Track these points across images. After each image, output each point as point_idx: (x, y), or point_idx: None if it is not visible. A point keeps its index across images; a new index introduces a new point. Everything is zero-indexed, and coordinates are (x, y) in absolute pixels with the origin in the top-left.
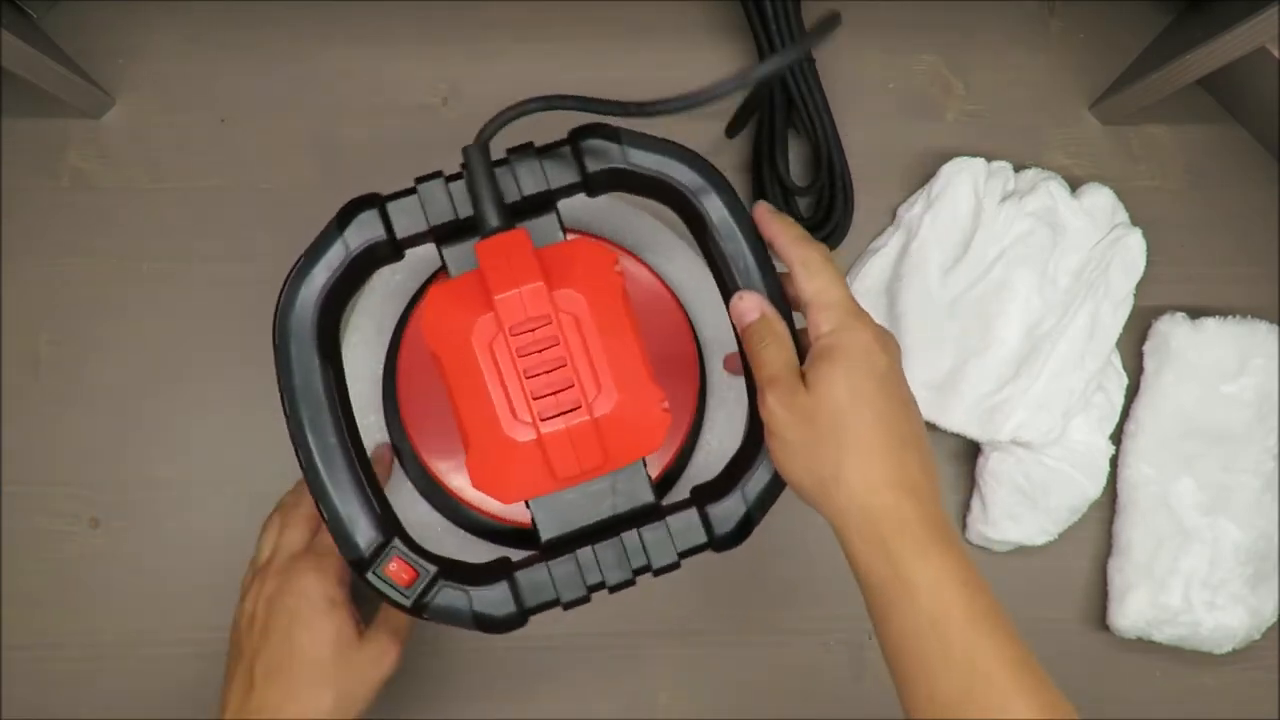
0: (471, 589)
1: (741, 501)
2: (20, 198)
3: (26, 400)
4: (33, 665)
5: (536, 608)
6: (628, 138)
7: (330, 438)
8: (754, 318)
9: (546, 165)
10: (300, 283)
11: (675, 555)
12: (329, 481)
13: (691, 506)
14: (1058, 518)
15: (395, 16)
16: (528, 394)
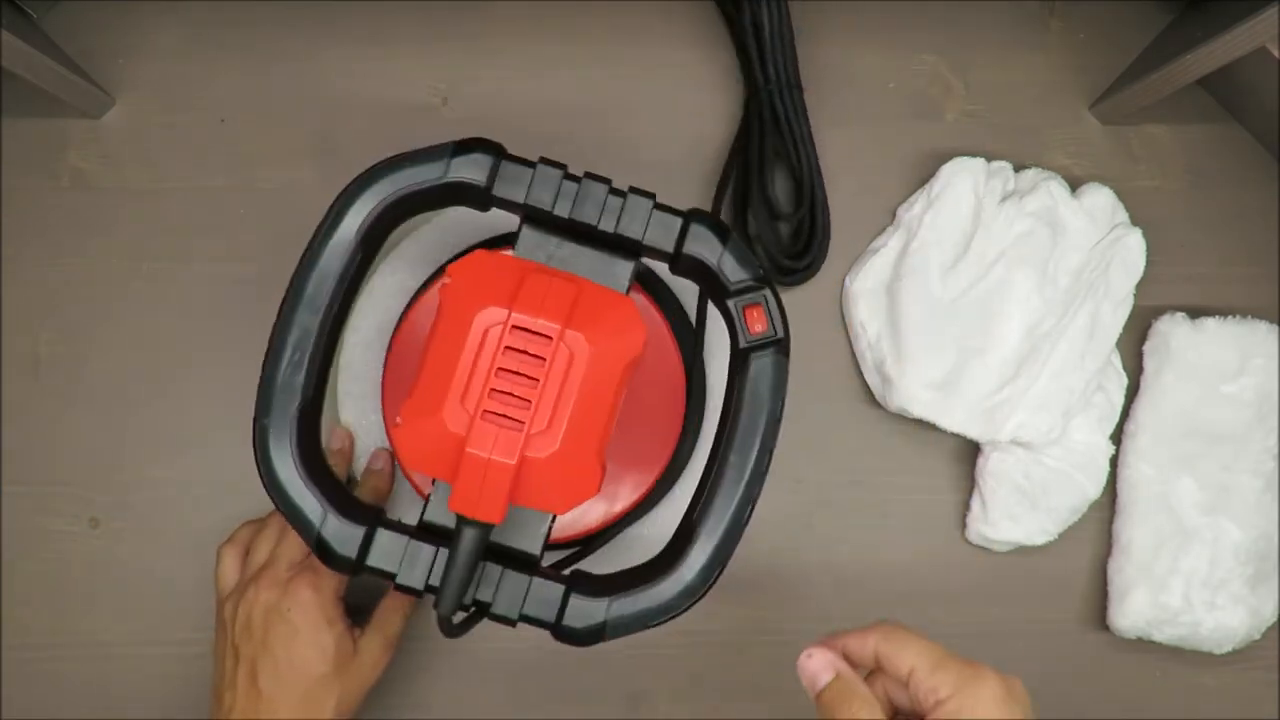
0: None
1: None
2: (20, 198)
3: (26, 400)
4: (33, 665)
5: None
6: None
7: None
8: (828, 678)
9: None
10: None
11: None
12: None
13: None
14: (1058, 518)
15: (395, 16)
16: (488, 385)
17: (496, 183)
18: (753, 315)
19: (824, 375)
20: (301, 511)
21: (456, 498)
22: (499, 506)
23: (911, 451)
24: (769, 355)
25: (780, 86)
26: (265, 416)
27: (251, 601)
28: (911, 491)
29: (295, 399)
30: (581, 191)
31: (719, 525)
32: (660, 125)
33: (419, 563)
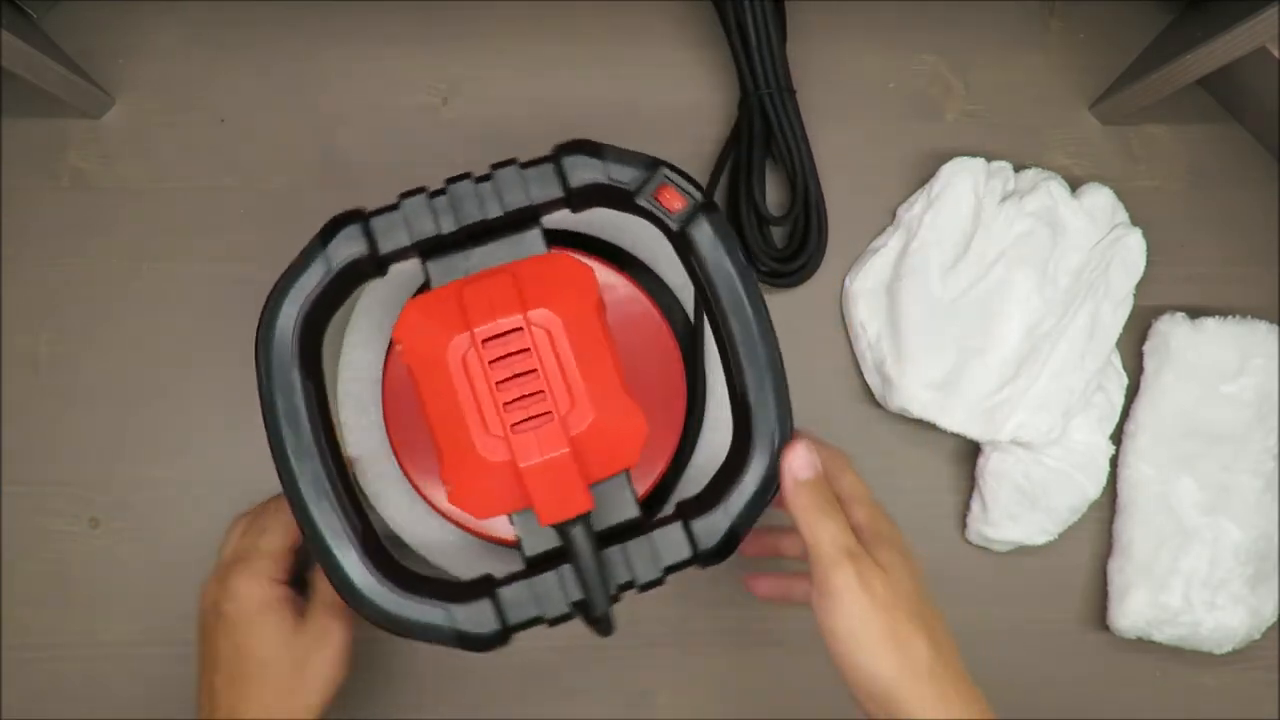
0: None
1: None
2: (20, 198)
3: (26, 400)
4: (33, 665)
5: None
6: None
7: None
8: (808, 476)
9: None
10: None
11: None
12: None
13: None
14: (1058, 518)
15: (395, 16)
16: (498, 402)
17: (379, 242)
18: (667, 196)
19: (824, 375)
20: (428, 626)
21: (544, 511)
22: (583, 493)
23: (911, 451)
24: (703, 220)
25: (770, 90)
26: (336, 560)
27: (201, 601)
28: (911, 491)
29: (355, 533)
30: (452, 198)
31: (766, 388)
32: (660, 125)
33: (552, 593)
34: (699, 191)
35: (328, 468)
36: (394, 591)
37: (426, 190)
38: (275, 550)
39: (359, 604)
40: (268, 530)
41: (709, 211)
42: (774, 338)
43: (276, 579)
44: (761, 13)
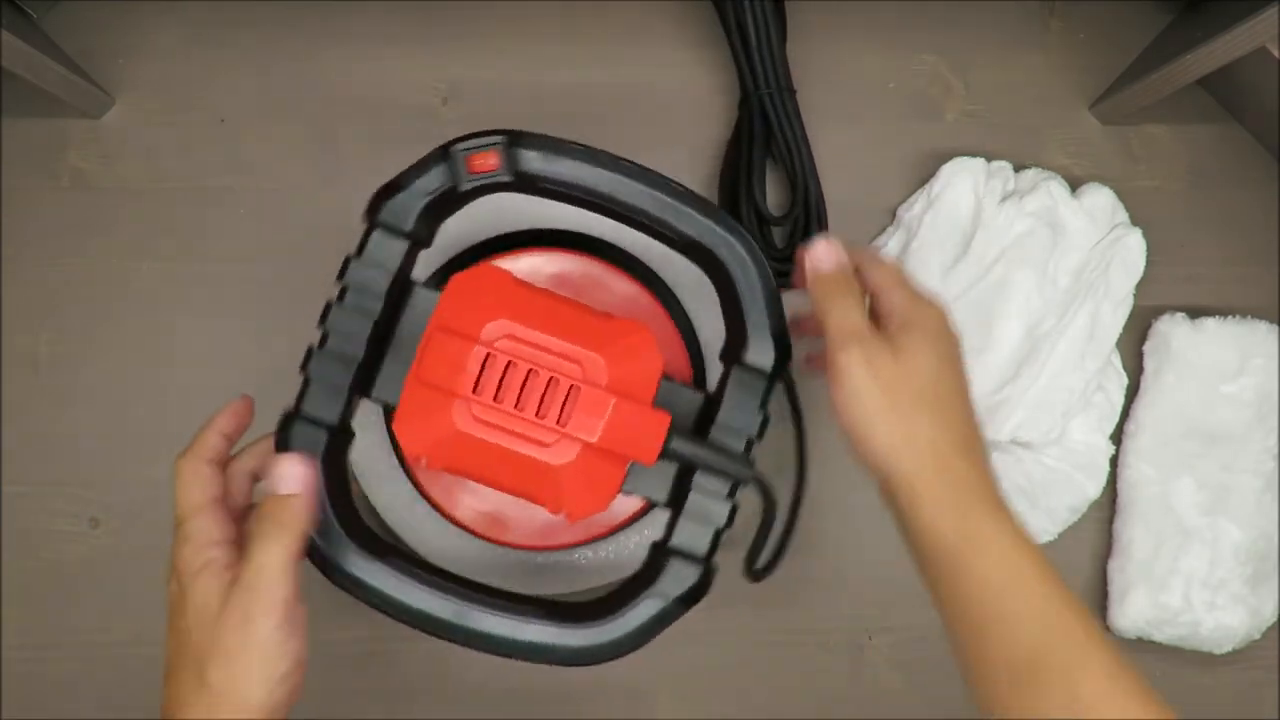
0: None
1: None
2: (20, 198)
3: (26, 400)
4: (33, 665)
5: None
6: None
7: (606, 186)
8: (829, 268)
9: (701, 528)
10: (751, 256)
11: (313, 373)
12: (588, 165)
13: (338, 424)
14: (1058, 518)
15: (395, 16)
16: (510, 357)
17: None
18: (478, 162)
19: (823, 375)
20: (538, 645)
21: (641, 455)
22: (655, 445)
23: None
24: (521, 151)
25: (771, 90)
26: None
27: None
28: None
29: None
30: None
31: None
32: (661, 125)
33: (705, 508)
34: (496, 134)
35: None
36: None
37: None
38: (210, 500)
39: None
40: (200, 477)
41: (518, 141)
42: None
43: (213, 540)
44: (762, 12)
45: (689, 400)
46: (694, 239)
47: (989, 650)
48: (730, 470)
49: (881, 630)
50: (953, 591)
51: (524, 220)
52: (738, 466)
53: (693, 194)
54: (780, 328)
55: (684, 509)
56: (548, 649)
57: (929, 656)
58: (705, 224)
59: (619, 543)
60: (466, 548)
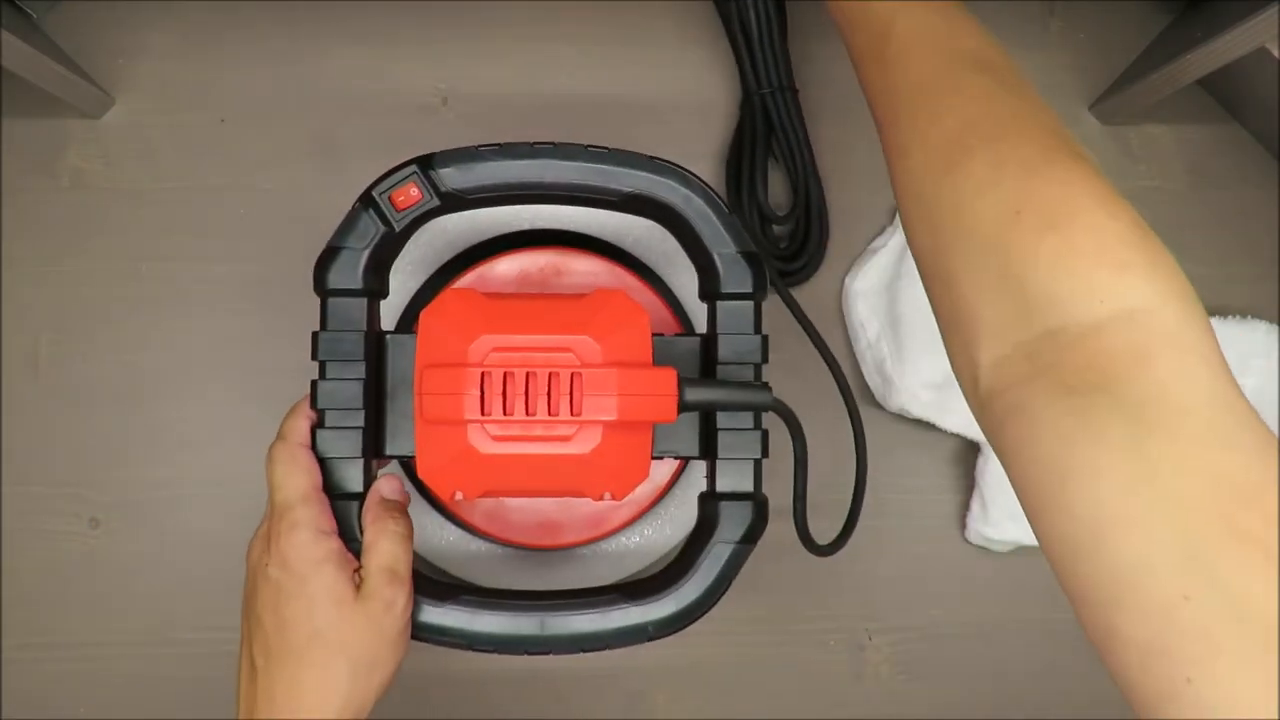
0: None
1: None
2: (20, 198)
3: (26, 400)
4: (33, 665)
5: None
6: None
7: (551, 176)
8: None
9: (739, 467)
10: (704, 200)
11: (325, 452)
12: (514, 164)
13: (361, 486)
14: None
15: (395, 16)
16: (508, 367)
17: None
18: (401, 198)
19: (823, 375)
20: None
21: (659, 416)
22: (670, 401)
23: (911, 451)
24: (427, 174)
25: (773, 90)
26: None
27: (249, 562)
28: (911, 491)
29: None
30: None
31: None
32: (661, 126)
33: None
34: (405, 166)
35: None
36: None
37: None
38: (316, 488)
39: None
40: (301, 464)
41: (429, 164)
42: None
43: (325, 530)
44: (764, 11)
45: (687, 349)
46: (633, 193)
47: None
48: (748, 400)
49: (881, 630)
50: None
51: (476, 234)
52: (754, 394)
53: (618, 151)
54: (746, 247)
55: (718, 453)
56: (637, 629)
57: (929, 656)
58: (638, 175)
59: (619, 542)
60: (468, 548)
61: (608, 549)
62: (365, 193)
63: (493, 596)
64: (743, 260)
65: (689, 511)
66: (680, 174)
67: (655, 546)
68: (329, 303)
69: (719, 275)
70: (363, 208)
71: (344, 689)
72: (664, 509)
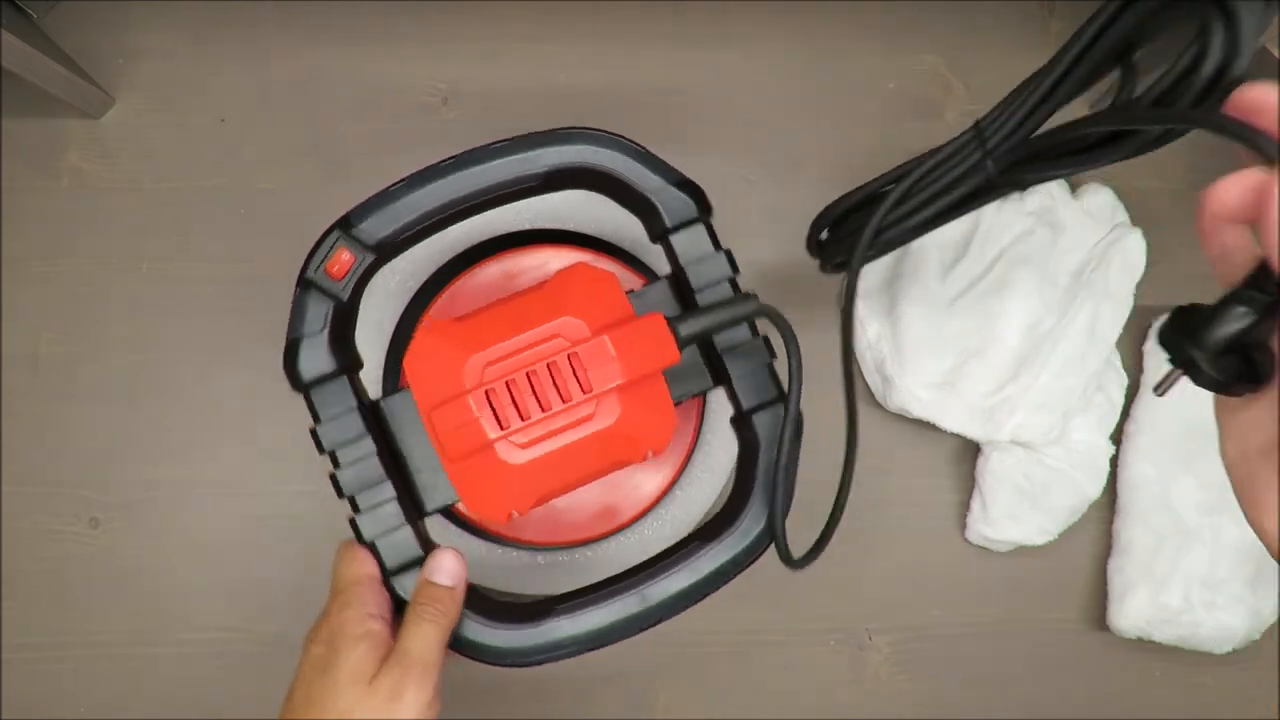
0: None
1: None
2: (20, 198)
3: (26, 400)
4: (33, 665)
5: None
6: (785, 454)
7: (470, 188)
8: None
9: (755, 374)
10: (616, 149)
11: (372, 534)
12: (425, 189)
13: (420, 549)
14: (1058, 518)
15: (395, 16)
16: (508, 378)
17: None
18: (336, 265)
19: (824, 375)
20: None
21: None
22: (669, 343)
23: (911, 451)
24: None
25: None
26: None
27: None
28: (911, 491)
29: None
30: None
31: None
32: (662, 125)
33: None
34: (326, 234)
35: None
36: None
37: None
38: (373, 576)
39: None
40: (360, 556)
41: (347, 223)
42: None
43: (372, 612)
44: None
45: (660, 292)
46: (551, 169)
47: None
48: (738, 314)
49: (881, 630)
50: None
51: (430, 264)
52: (741, 306)
53: (519, 137)
54: (676, 176)
55: (731, 374)
56: (732, 563)
57: (929, 656)
58: (548, 152)
59: (620, 542)
60: (473, 550)
61: (609, 552)
62: (300, 276)
63: (579, 595)
64: (676, 189)
65: (688, 510)
66: (586, 134)
67: (654, 546)
68: (312, 395)
69: (660, 211)
70: (304, 291)
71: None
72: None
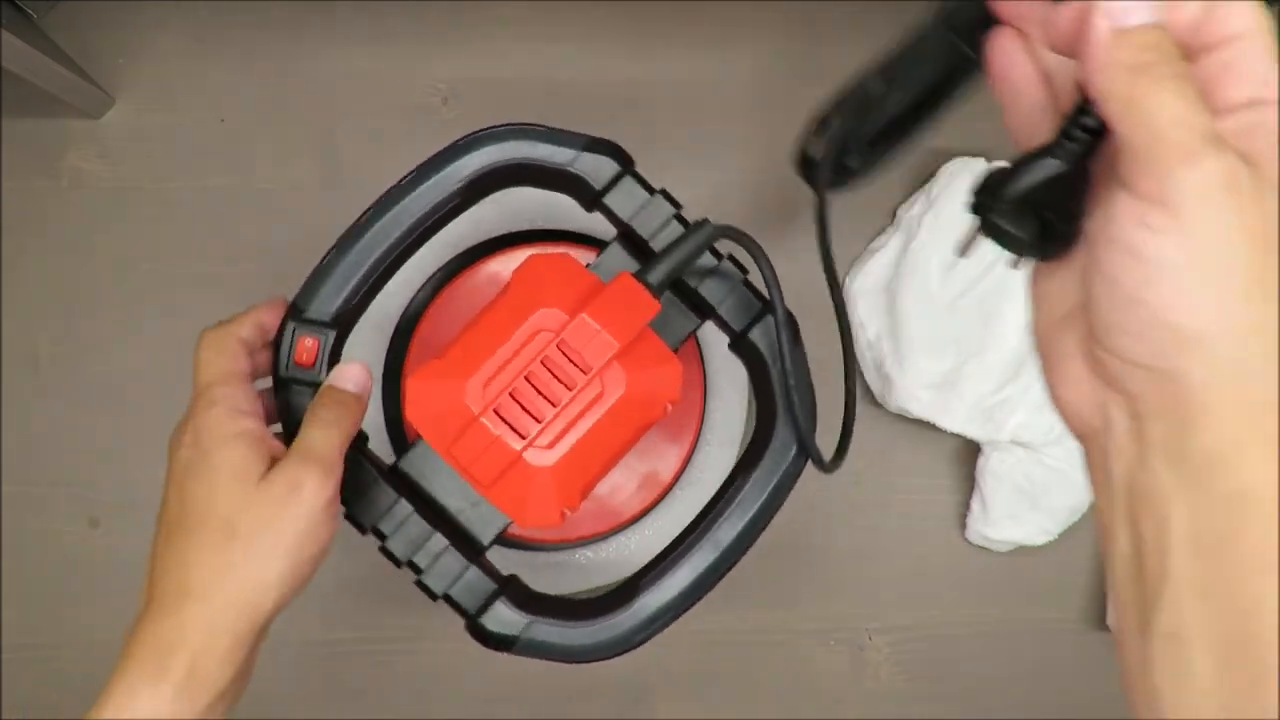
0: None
1: (519, 627)
2: (20, 198)
3: (26, 400)
4: (33, 665)
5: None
6: (794, 366)
7: (396, 229)
8: (1140, 18)
9: (735, 295)
10: (521, 138)
11: (443, 590)
12: (357, 244)
13: (495, 583)
14: (1058, 518)
15: (395, 16)
16: (511, 387)
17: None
18: (301, 352)
19: (823, 375)
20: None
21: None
22: (644, 296)
23: (911, 451)
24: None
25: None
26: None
27: (168, 453)
28: (911, 491)
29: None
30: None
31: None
32: (662, 125)
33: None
34: (282, 327)
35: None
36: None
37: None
38: (239, 371)
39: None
40: (227, 348)
41: (298, 310)
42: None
43: (242, 409)
44: None
45: (615, 255)
46: (468, 182)
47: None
48: (699, 243)
49: (881, 630)
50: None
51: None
52: (699, 235)
53: (425, 163)
54: (583, 141)
55: (712, 303)
56: (785, 480)
57: (929, 656)
58: (458, 164)
59: (619, 543)
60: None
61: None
62: (274, 378)
63: (652, 567)
64: (587, 151)
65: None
66: (485, 135)
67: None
68: (344, 494)
69: (581, 179)
70: (284, 390)
71: (237, 573)
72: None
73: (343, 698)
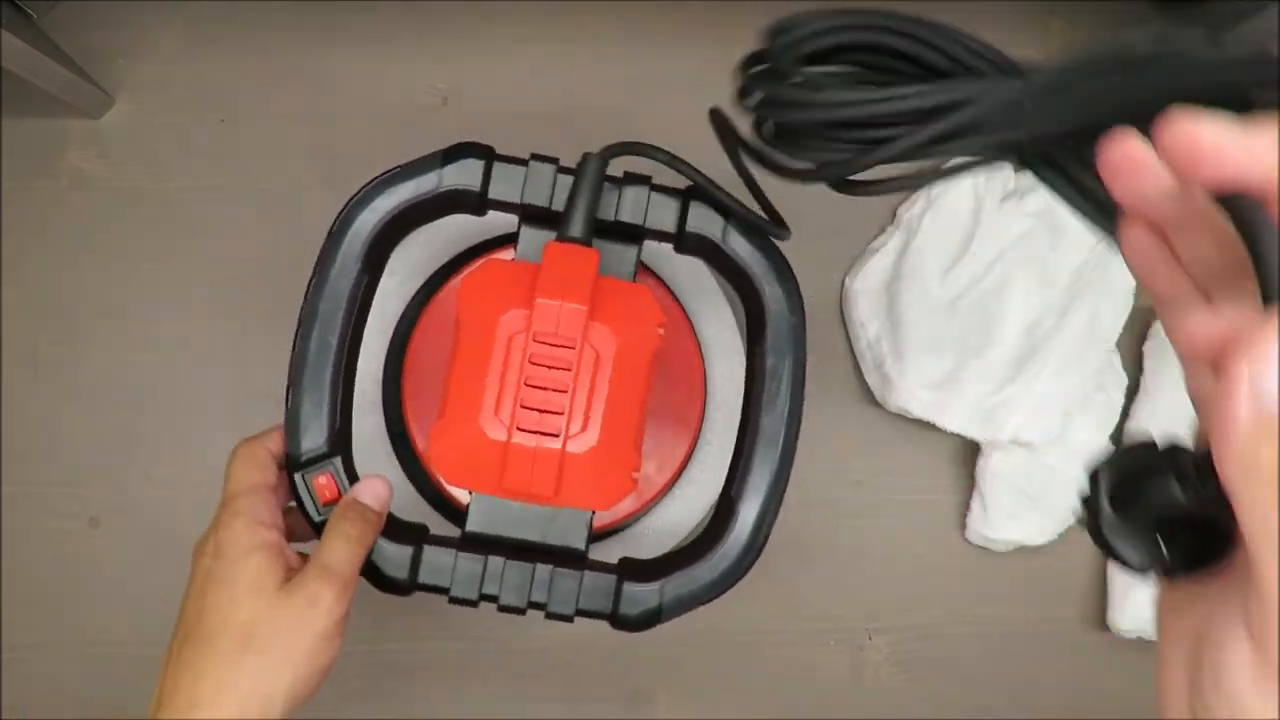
0: (381, 539)
1: (658, 595)
2: (20, 198)
3: (26, 400)
4: (33, 665)
5: (427, 586)
6: (735, 221)
7: (331, 336)
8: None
9: (652, 204)
10: (382, 191)
11: (573, 609)
12: (307, 373)
13: (612, 574)
14: (1058, 518)
15: (395, 16)
16: (518, 399)
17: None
18: (325, 491)
19: (824, 375)
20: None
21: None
22: (582, 252)
23: (911, 451)
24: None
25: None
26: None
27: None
28: (911, 491)
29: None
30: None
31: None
32: (662, 127)
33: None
34: (292, 482)
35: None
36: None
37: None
38: (266, 484)
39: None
40: (257, 461)
41: (296, 461)
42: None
43: (264, 522)
44: None
45: (530, 236)
46: (367, 243)
47: None
48: (593, 177)
49: (881, 630)
50: None
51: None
52: (589, 171)
53: (327, 242)
54: (439, 157)
55: (636, 222)
56: (796, 341)
57: (929, 656)
58: (352, 234)
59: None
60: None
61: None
62: (314, 527)
63: (734, 479)
64: (447, 165)
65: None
66: (353, 204)
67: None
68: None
69: (458, 192)
70: (316, 528)
71: (246, 685)
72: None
73: (342, 698)
